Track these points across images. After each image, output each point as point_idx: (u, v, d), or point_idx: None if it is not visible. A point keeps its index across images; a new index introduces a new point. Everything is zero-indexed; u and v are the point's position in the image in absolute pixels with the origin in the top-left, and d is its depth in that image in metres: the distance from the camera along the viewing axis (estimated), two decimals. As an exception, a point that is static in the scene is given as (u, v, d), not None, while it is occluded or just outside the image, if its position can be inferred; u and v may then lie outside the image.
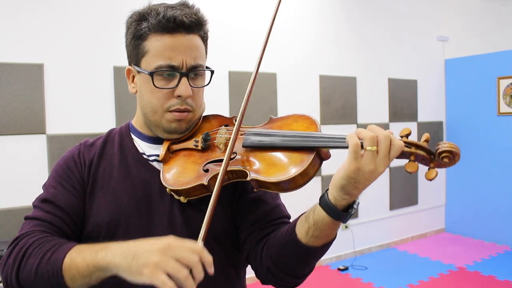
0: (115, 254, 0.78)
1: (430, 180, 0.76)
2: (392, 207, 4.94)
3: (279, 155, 0.89)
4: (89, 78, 3.15)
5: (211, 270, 0.75)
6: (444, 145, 0.76)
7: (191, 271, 0.73)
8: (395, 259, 4.58)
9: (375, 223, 4.78)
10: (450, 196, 5.42)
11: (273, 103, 4.00)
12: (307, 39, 4.27)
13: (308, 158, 0.85)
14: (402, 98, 5.01)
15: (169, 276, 0.72)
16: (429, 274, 4.04)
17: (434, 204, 5.38)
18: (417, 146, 0.78)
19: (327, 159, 0.88)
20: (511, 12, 6.16)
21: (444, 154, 0.75)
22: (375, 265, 4.35)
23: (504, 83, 4.81)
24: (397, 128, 4.85)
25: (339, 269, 4.22)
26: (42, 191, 1.01)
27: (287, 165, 0.86)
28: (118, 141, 1.07)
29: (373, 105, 4.74)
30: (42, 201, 0.97)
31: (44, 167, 2.98)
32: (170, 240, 0.76)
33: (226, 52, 3.67)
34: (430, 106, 5.30)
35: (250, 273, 1.04)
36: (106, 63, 3.21)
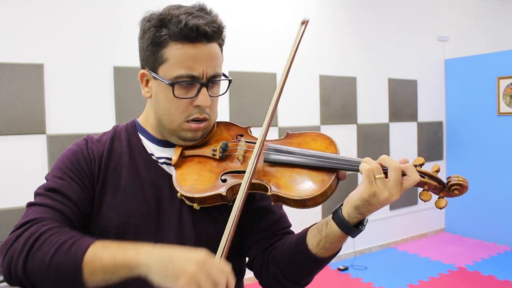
0: (148, 255, 0.77)
1: (440, 208, 0.84)
2: (392, 207, 4.94)
3: (300, 173, 0.92)
4: (89, 78, 3.15)
5: None
6: (454, 178, 0.84)
7: None
8: (395, 259, 4.58)
9: (375, 223, 4.77)
10: (450, 196, 5.42)
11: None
12: (307, 39, 4.25)
13: (329, 179, 0.89)
14: (402, 98, 5.01)
15: None
16: (429, 274, 4.04)
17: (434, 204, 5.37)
18: (430, 176, 0.85)
19: (343, 179, 0.93)
20: (511, 12, 6.16)
21: (454, 187, 0.84)
22: (375, 265, 4.35)
23: (504, 83, 4.81)
24: (398, 128, 4.88)
25: (339, 269, 4.22)
26: (45, 182, 0.96)
27: (309, 184, 0.90)
28: (126, 139, 1.04)
29: (373, 105, 4.74)
30: (48, 190, 0.91)
31: (44, 167, 2.98)
32: (204, 254, 0.77)
33: (226, 53, 3.66)
34: (430, 106, 5.29)
35: (248, 273, 1.04)
36: (106, 63, 3.21)
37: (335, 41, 4.46)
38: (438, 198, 0.85)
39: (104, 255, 0.78)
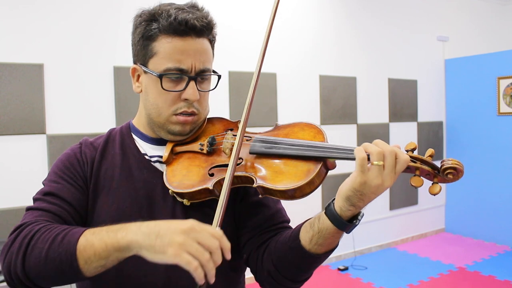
0: (136, 233, 0.76)
1: (434, 194, 0.78)
2: (392, 207, 4.94)
3: (286, 163, 0.90)
4: (89, 78, 3.15)
5: (228, 256, 0.76)
6: (448, 162, 0.78)
7: (210, 255, 0.74)
8: (395, 259, 4.58)
9: (375, 223, 4.78)
10: (450, 196, 5.42)
11: (273, 103, 4.00)
12: (307, 39, 4.27)
13: (315, 168, 0.86)
14: (402, 98, 5.02)
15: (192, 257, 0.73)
16: (429, 274, 4.04)
17: (434, 204, 5.38)
18: (422, 161, 0.81)
19: (333, 169, 0.90)
20: (511, 12, 6.16)
21: (448, 171, 0.78)
22: (375, 265, 4.35)
23: (504, 83, 4.81)
24: (398, 128, 4.88)
25: (339, 269, 4.22)
26: (42, 187, 0.98)
27: (294, 174, 0.87)
28: (119, 141, 1.05)
29: (373, 105, 4.74)
30: (45, 194, 0.94)
31: (44, 167, 2.98)
32: (192, 223, 0.76)
33: (226, 53, 3.67)
34: (430, 106, 5.30)
35: (249, 273, 1.04)
36: (106, 63, 3.21)
37: (335, 41, 4.46)
38: (432, 184, 0.80)
39: (95, 241, 0.78)
